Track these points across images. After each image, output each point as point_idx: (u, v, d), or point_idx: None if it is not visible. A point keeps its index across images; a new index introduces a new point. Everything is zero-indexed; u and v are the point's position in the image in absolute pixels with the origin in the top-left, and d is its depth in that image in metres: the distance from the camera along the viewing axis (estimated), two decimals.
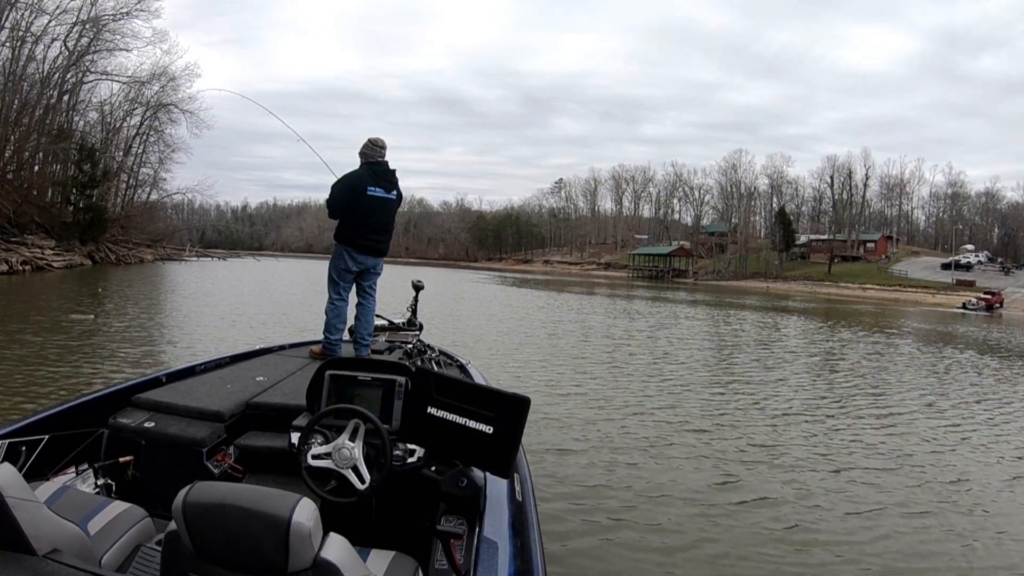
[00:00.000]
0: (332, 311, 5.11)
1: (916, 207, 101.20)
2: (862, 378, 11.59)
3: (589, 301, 32.25)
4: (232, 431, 3.13)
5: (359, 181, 4.93)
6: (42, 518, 1.65)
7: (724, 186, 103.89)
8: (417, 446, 2.54)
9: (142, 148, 56.11)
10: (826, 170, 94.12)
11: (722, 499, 5.23)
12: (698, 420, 7.78)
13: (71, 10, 43.28)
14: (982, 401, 9.98)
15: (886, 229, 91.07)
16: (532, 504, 2.52)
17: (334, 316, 5.10)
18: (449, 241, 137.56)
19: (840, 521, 4.87)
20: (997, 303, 50.17)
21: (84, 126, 50.67)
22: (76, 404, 3.06)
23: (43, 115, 44.28)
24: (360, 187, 4.91)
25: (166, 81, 52.33)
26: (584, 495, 5.12)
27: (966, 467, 6.44)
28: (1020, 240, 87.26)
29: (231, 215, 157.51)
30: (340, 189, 4.95)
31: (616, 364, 11.79)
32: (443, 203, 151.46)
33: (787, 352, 15.21)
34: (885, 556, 4.29)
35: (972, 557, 4.37)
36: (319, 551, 1.48)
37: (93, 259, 41.06)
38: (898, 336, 21.35)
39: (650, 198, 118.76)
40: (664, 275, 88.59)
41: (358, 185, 4.92)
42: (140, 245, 51.97)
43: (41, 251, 34.48)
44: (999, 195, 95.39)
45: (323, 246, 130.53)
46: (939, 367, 13.86)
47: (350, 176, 4.98)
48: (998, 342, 21.46)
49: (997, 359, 16.17)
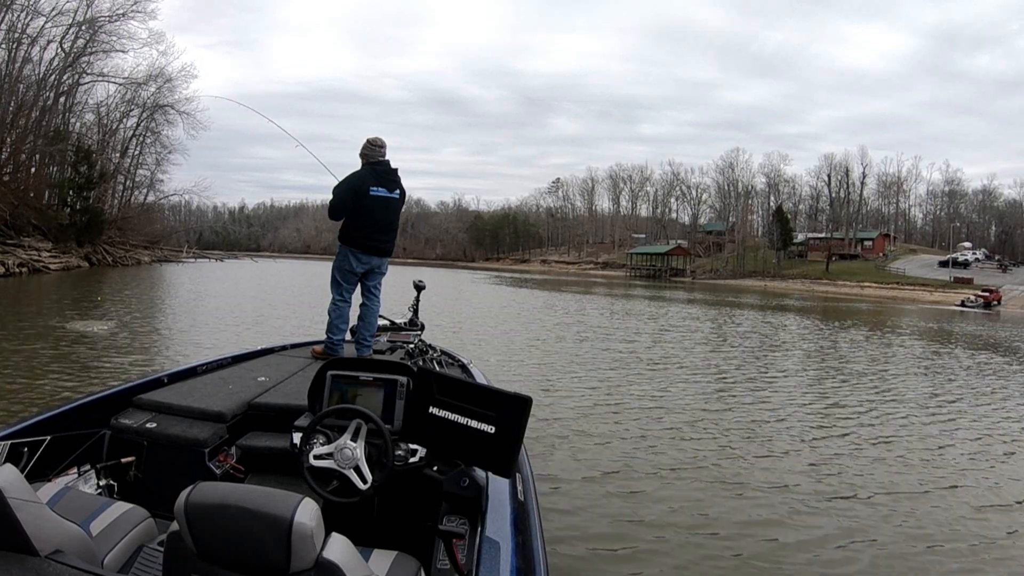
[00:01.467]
0: (335, 311, 5.12)
1: (913, 205, 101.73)
2: (883, 381, 11.60)
3: (586, 301, 32.23)
4: (234, 431, 3.14)
5: (361, 182, 4.92)
6: (44, 519, 1.65)
7: (721, 185, 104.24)
8: (419, 446, 2.54)
9: (139, 150, 56.14)
10: (823, 168, 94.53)
11: (723, 499, 5.22)
12: (699, 420, 7.78)
13: (67, 11, 43.23)
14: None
15: (883, 227, 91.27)
16: (534, 503, 2.52)
17: (336, 316, 5.10)
18: (447, 241, 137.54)
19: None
20: (995, 300, 50.40)
21: (80, 128, 50.61)
22: (78, 405, 3.06)
23: (39, 117, 44.17)
24: (362, 188, 4.91)
25: (162, 82, 52.36)
26: (586, 495, 5.11)
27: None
28: (1017, 237, 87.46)
29: (228, 216, 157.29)
30: (342, 191, 4.95)
31: (616, 364, 11.78)
32: (440, 203, 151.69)
33: (790, 349, 15.25)
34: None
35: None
36: (321, 551, 1.48)
37: (90, 261, 41.00)
38: (926, 337, 21.37)
39: (647, 197, 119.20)
40: (662, 274, 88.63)
41: (360, 186, 4.91)
42: (137, 247, 51.95)
43: (38, 253, 34.39)
44: (996, 192, 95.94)
45: (321, 247, 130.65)
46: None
47: (352, 177, 4.97)
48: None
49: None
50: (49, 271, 32.93)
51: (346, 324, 5.13)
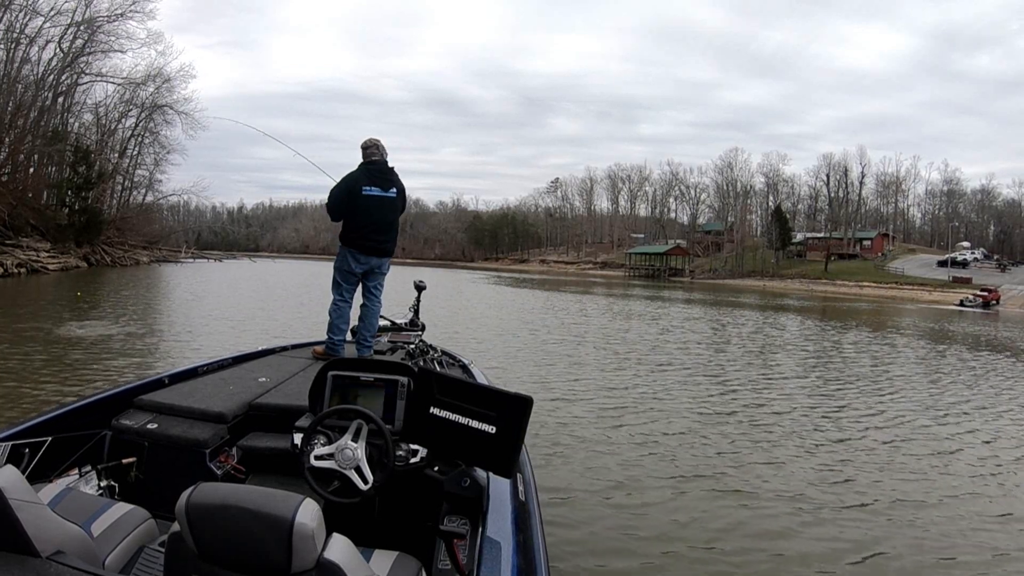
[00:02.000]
0: (335, 312, 5.14)
1: (912, 204, 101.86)
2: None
3: (586, 301, 32.22)
4: (235, 432, 3.14)
5: (355, 182, 4.99)
6: (45, 520, 1.65)
7: (720, 185, 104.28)
8: (420, 446, 2.54)
9: (137, 150, 56.27)
10: (822, 168, 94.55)
11: (725, 498, 5.23)
12: (701, 418, 7.80)
13: (65, 11, 43.36)
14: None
15: (882, 227, 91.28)
16: (535, 504, 2.52)
17: (337, 317, 5.12)
18: (445, 241, 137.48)
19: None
20: (994, 300, 50.46)
21: (79, 128, 50.72)
22: (79, 406, 3.06)
23: (38, 117, 44.21)
24: (356, 188, 4.97)
25: (161, 82, 52.54)
26: (587, 494, 5.12)
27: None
28: (1016, 237, 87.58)
29: (227, 216, 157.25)
30: (336, 192, 5.02)
31: (616, 364, 11.80)
32: (439, 203, 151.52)
33: (792, 351, 15.26)
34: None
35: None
36: (322, 552, 1.48)
37: (89, 261, 40.99)
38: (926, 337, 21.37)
39: (646, 197, 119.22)
40: (660, 274, 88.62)
41: (353, 186, 4.98)
42: (136, 247, 51.95)
43: (36, 254, 34.40)
44: (995, 192, 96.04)
45: (319, 247, 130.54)
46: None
47: (345, 178, 5.04)
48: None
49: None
50: (48, 271, 32.92)
51: (347, 324, 5.14)
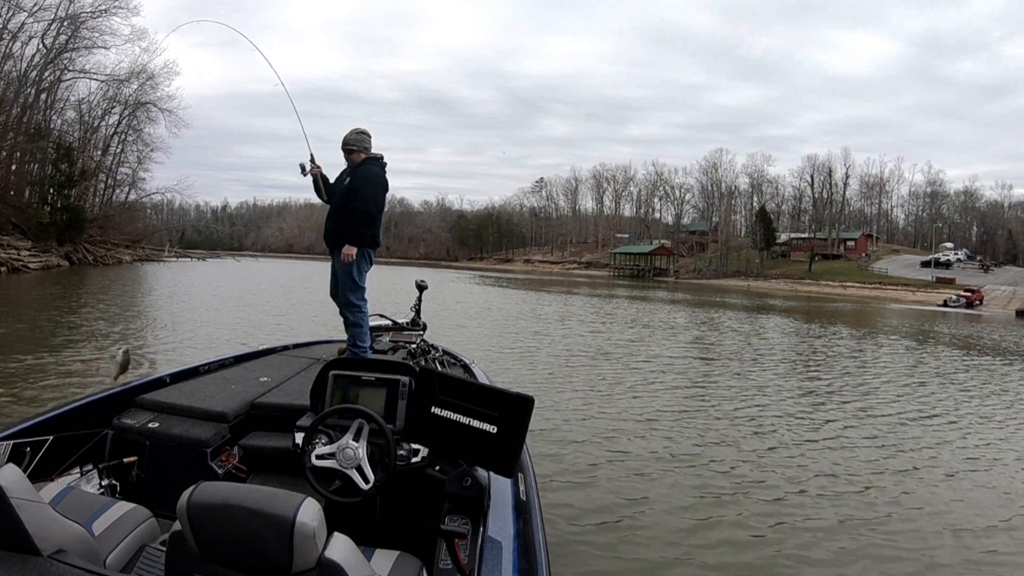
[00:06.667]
0: (367, 321, 4.96)
1: (896, 206, 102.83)
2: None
3: (571, 301, 32.25)
4: (236, 431, 3.15)
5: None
6: (47, 519, 1.66)
7: (705, 185, 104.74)
8: (421, 446, 2.55)
9: (120, 147, 55.47)
10: (806, 169, 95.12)
11: (726, 498, 5.26)
12: (701, 419, 7.84)
13: (49, 7, 42.78)
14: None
15: (866, 227, 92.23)
16: (536, 503, 2.54)
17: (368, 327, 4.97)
18: (430, 241, 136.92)
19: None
20: (977, 300, 51.17)
21: (62, 125, 49.96)
22: (80, 405, 3.05)
23: (20, 114, 43.65)
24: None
25: (145, 79, 51.84)
26: (587, 494, 5.14)
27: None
28: (998, 238, 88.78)
29: (211, 215, 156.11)
30: (384, 186, 4.92)
31: (616, 364, 11.83)
32: (424, 203, 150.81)
33: (778, 352, 15.37)
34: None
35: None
36: (323, 551, 1.49)
37: (71, 260, 40.47)
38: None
39: (631, 197, 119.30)
40: (645, 274, 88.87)
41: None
42: (119, 246, 51.23)
43: (17, 252, 33.93)
44: (978, 194, 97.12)
45: (303, 246, 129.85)
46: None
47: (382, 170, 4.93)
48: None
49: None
50: (29, 270, 32.51)
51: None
